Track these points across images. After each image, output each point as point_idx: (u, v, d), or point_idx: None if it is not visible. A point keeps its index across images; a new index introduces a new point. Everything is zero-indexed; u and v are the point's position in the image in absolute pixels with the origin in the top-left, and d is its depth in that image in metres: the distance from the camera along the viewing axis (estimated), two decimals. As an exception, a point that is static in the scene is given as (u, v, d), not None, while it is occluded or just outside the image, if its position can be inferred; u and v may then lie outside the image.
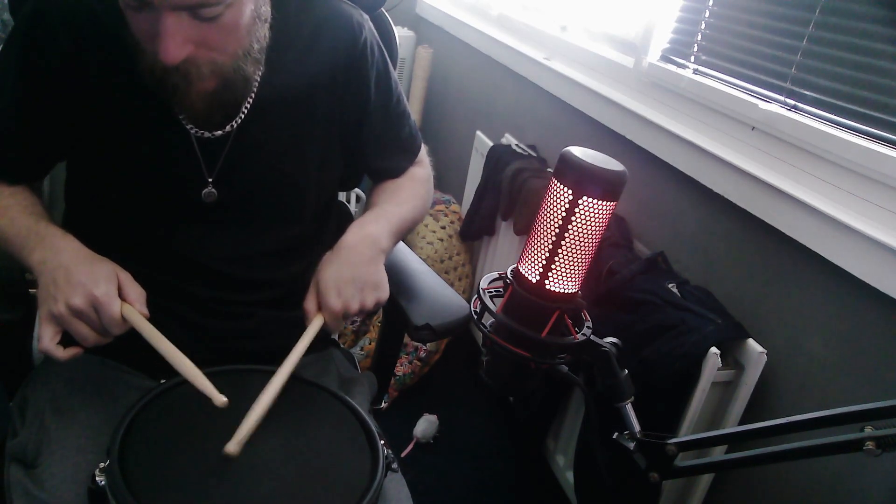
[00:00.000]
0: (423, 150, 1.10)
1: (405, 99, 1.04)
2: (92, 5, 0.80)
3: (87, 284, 0.73)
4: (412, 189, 1.05)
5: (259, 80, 0.85)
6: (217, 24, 0.72)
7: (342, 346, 1.13)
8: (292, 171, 0.93)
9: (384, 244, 0.91)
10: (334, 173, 1.00)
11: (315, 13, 0.90)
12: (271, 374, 0.79)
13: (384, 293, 0.87)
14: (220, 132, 0.86)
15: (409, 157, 1.07)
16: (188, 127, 0.85)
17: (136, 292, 0.78)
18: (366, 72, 0.95)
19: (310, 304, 0.86)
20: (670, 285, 1.26)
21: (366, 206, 1.03)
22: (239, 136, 0.87)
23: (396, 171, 1.05)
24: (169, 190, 0.88)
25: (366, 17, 0.97)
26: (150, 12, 0.69)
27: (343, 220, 1.11)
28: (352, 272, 0.85)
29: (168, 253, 0.89)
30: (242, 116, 0.86)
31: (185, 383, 0.77)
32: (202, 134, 0.85)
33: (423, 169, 1.09)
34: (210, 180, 0.88)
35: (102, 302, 0.73)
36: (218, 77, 0.77)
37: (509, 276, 0.80)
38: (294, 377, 0.84)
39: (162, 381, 0.79)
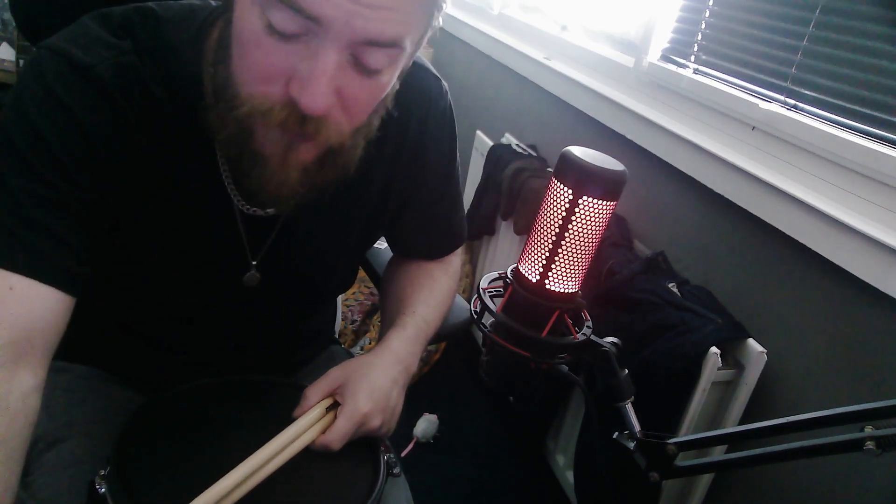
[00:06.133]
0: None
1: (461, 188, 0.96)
2: (137, 66, 0.66)
3: None
4: (449, 287, 0.96)
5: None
6: (368, 81, 0.59)
7: (342, 346, 1.13)
8: (338, 252, 0.86)
9: (414, 369, 0.85)
10: (370, 246, 0.95)
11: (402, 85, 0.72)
12: (291, 387, 0.80)
13: (392, 428, 0.79)
14: (271, 210, 0.76)
15: (451, 245, 0.99)
16: (239, 204, 0.74)
17: None
18: (434, 143, 0.87)
19: (315, 392, 0.74)
20: (670, 285, 1.26)
21: (392, 281, 0.97)
22: (290, 218, 0.78)
23: (433, 255, 0.97)
24: (206, 273, 0.79)
25: (446, 87, 0.86)
26: (305, 43, 0.55)
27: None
28: (387, 391, 0.77)
29: (188, 332, 0.84)
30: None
31: (185, 392, 0.77)
32: (254, 212, 0.75)
33: (458, 258, 1.01)
34: (254, 263, 0.79)
35: None
36: (323, 148, 0.63)
37: (509, 275, 0.80)
38: (292, 383, 0.85)
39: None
